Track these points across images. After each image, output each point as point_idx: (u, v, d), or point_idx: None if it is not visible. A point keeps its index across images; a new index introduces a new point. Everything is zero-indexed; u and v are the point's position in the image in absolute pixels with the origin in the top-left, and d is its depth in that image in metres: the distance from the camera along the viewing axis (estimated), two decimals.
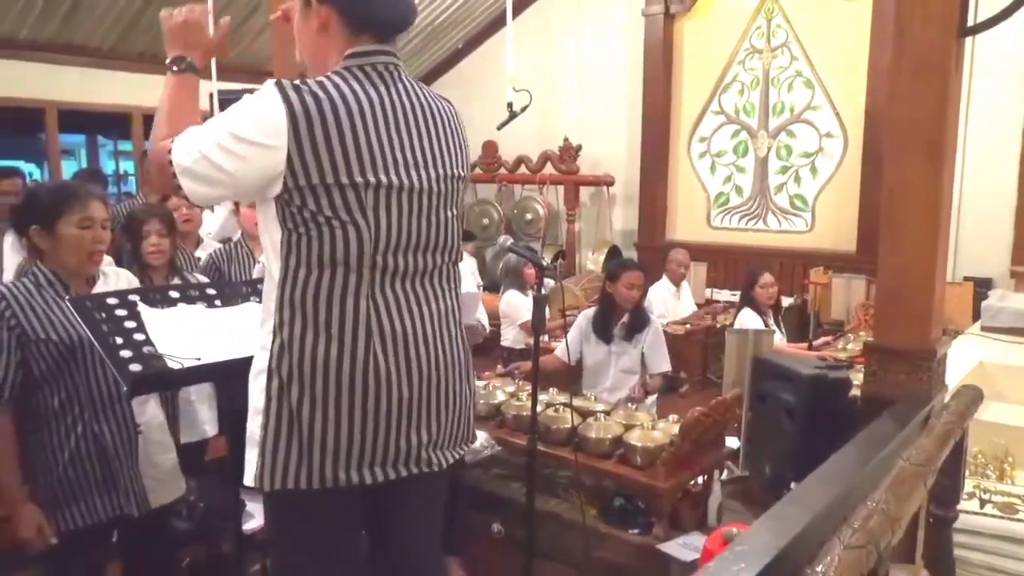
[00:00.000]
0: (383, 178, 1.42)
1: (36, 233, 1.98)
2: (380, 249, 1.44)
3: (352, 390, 1.43)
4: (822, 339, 4.84)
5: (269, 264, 1.47)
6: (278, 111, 1.33)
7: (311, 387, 1.42)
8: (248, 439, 1.47)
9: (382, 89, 1.46)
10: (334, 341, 1.42)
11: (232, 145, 1.36)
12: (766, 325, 4.32)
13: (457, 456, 1.65)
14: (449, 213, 1.56)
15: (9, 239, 3.87)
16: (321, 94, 1.37)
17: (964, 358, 3.12)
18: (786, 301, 5.46)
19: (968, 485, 2.23)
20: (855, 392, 2.20)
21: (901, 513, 1.20)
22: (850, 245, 6.18)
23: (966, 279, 5.42)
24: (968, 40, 1.92)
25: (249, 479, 1.46)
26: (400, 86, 1.50)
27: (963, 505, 2.09)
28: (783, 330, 4.70)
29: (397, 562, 1.68)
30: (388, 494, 1.58)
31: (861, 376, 2.15)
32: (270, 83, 1.37)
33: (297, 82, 1.37)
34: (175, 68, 1.56)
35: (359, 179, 1.39)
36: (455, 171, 1.57)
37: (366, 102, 1.42)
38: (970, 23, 1.84)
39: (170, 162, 1.41)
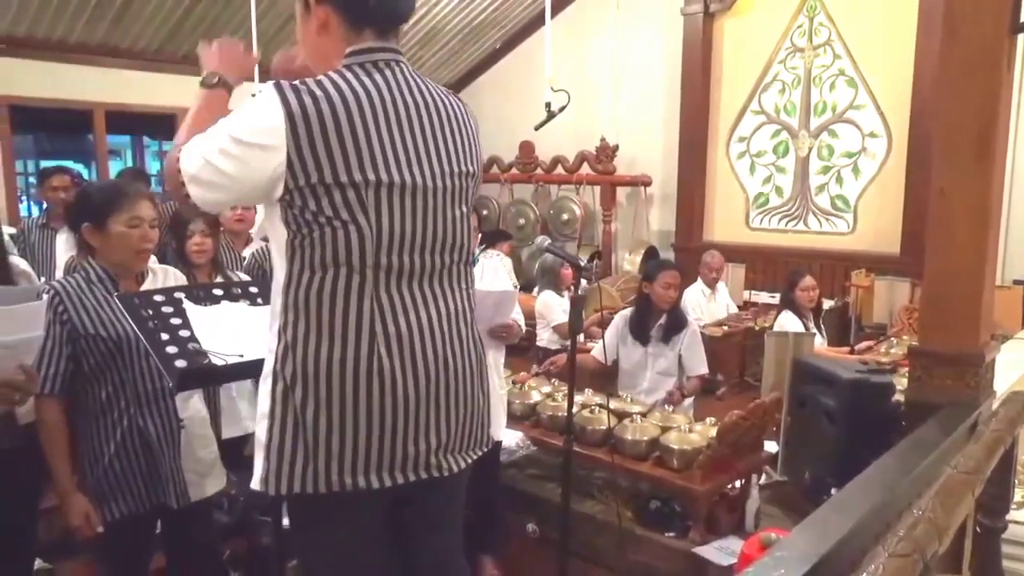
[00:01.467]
0: (383, 176, 1.39)
1: (87, 231, 2.04)
2: (383, 249, 1.41)
3: (356, 393, 1.40)
4: (864, 343, 4.76)
5: (276, 266, 1.46)
6: (276, 112, 1.32)
7: (315, 390, 1.40)
8: (256, 442, 1.46)
9: (382, 85, 1.42)
10: (337, 343, 1.40)
11: (233, 149, 1.35)
12: (806, 328, 4.26)
13: (470, 460, 1.60)
14: (458, 211, 1.52)
15: (63, 236, 3.99)
16: (319, 92, 1.35)
17: (1013, 364, 3.04)
18: (827, 304, 5.37)
19: (1017, 495, 2.18)
20: (898, 397, 2.16)
21: (948, 522, 1.18)
22: (893, 247, 6.05)
23: (1015, 283, 5.27)
24: (1020, 37, 1.87)
25: (256, 482, 1.45)
26: (403, 82, 1.46)
27: (1012, 515, 2.04)
28: (824, 333, 4.63)
29: (420, 563, 1.66)
30: (406, 496, 1.55)
31: (904, 381, 2.11)
32: (269, 84, 1.35)
33: (296, 82, 1.36)
34: (207, 83, 1.58)
35: (358, 177, 1.36)
36: (463, 167, 1.53)
37: (365, 99, 1.39)
38: (1023, 20, 1.80)
39: (179, 170, 1.41)
